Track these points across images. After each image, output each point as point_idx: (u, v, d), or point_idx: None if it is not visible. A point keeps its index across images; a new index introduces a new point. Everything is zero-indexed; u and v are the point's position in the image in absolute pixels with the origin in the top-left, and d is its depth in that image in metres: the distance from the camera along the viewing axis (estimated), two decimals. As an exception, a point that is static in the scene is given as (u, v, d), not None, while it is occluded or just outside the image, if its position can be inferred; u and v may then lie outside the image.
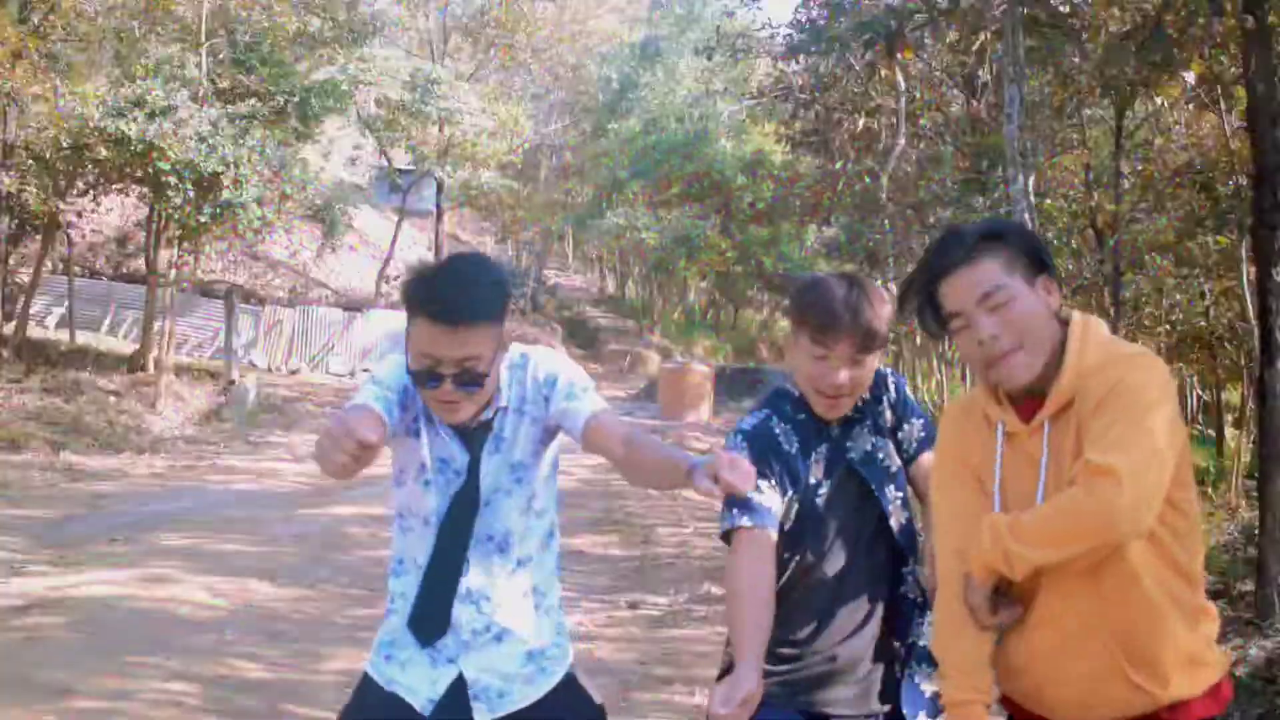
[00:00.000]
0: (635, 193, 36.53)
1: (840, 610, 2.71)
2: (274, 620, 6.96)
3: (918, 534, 2.82)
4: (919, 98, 15.99)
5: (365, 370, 28.87)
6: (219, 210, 18.72)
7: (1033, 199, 9.73)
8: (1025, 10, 8.44)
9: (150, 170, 18.07)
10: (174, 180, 17.97)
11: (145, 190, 19.62)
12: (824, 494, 2.71)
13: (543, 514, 2.65)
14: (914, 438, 2.81)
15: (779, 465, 2.67)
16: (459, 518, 2.53)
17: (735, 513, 2.60)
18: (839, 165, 17.66)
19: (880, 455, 2.77)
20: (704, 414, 22.87)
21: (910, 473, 2.81)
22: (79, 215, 22.56)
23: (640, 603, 7.79)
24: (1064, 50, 11.12)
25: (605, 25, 45.14)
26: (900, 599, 2.77)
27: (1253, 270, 10.09)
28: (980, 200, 13.02)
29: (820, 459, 2.73)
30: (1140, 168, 13.53)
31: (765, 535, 2.59)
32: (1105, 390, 2.11)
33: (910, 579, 2.77)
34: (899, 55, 9.96)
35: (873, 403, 2.80)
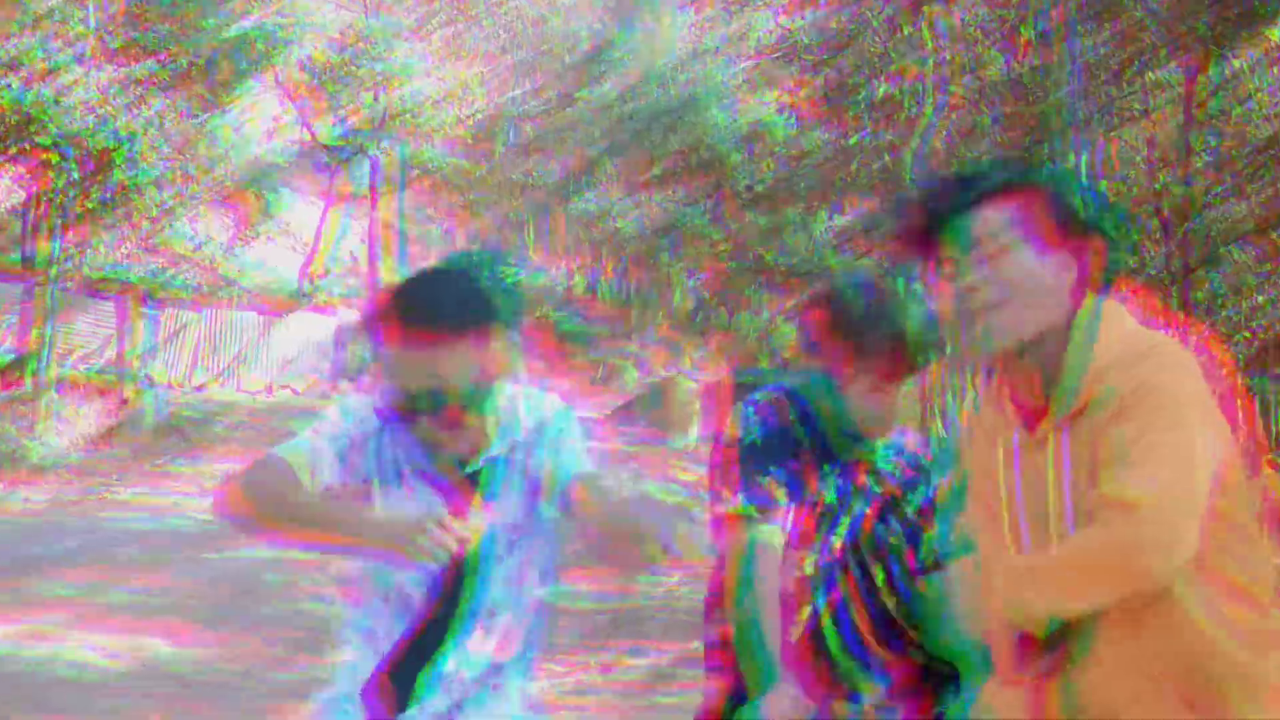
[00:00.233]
0: (610, 173, 36.61)
1: None
2: (174, 682, 6.91)
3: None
4: (951, 59, 16.05)
5: (285, 387, 28.82)
6: (111, 194, 18.65)
7: (1087, 180, 9.78)
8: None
9: (29, 145, 17.99)
10: (57, 158, 17.89)
11: (22, 170, 19.53)
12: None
13: (538, 581, 2.65)
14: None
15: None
16: (445, 593, 2.51)
17: (741, 499, 2.73)
18: (854, 140, 17.72)
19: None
20: (692, 436, 22.90)
21: None
22: (-59, 199, 22.47)
23: (615, 665, 7.75)
24: (1125, 1, 11.19)
25: (575, -28, 45.27)
26: None
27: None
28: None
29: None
30: (1215, 143, 13.62)
31: (777, 533, 2.73)
32: (1127, 393, 2.07)
33: None
34: (926, 7, 10.00)
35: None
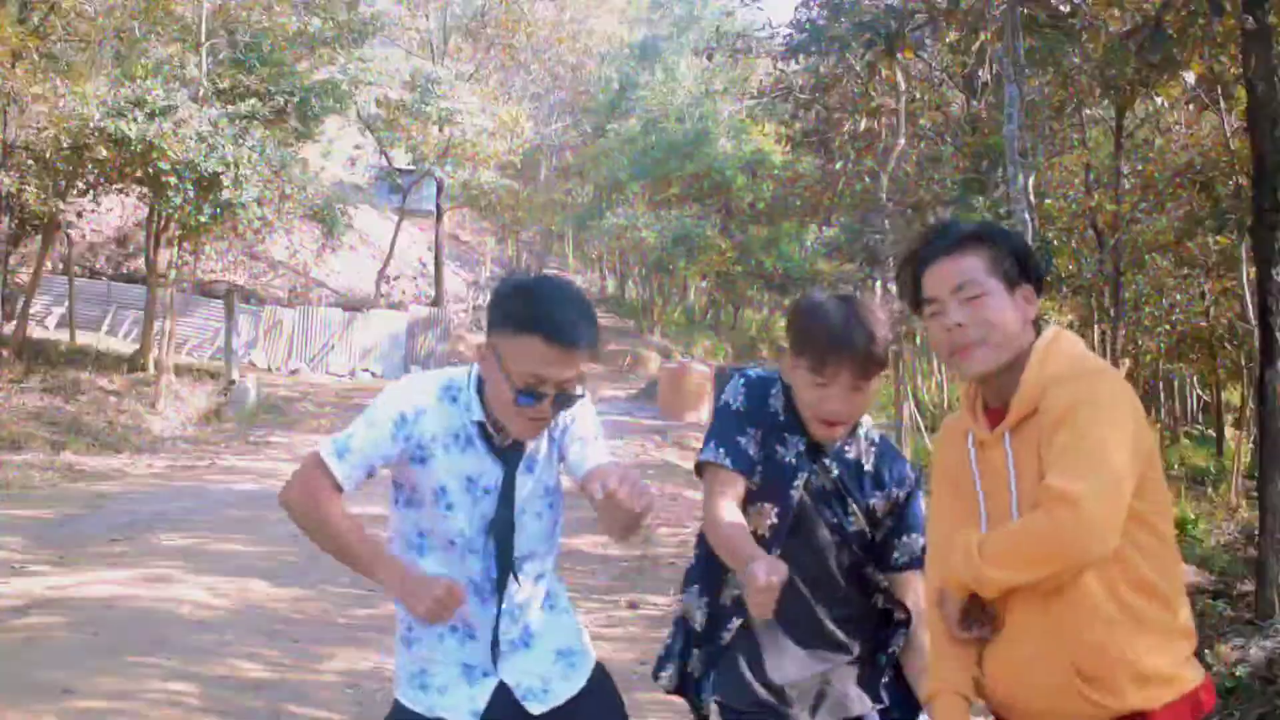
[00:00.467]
0: (635, 192, 36.59)
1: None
2: (274, 620, 6.95)
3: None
4: (919, 98, 15.99)
5: (365, 370, 28.92)
6: (219, 210, 18.72)
7: (1033, 199, 9.74)
8: (1025, 10, 8.43)
9: (150, 170, 18.09)
10: (174, 180, 17.98)
11: (145, 190, 19.65)
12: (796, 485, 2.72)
13: (557, 538, 2.75)
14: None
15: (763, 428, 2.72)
16: (502, 538, 2.59)
17: (720, 451, 2.66)
18: (839, 165, 17.61)
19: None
20: (703, 414, 22.88)
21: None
22: (79, 215, 22.54)
23: (640, 602, 7.80)
24: (1064, 50, 11.13)
25: (605, 25, 45.15)
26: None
27: (1253, 270, 10.11)
28: (980, 200, 13.01)
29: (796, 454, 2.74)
30: (1140, 168, 13.54)
31: (740, 481, 2.66)
32: (1066, 405, 2.13)
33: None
34: (899, 55, 9.97)
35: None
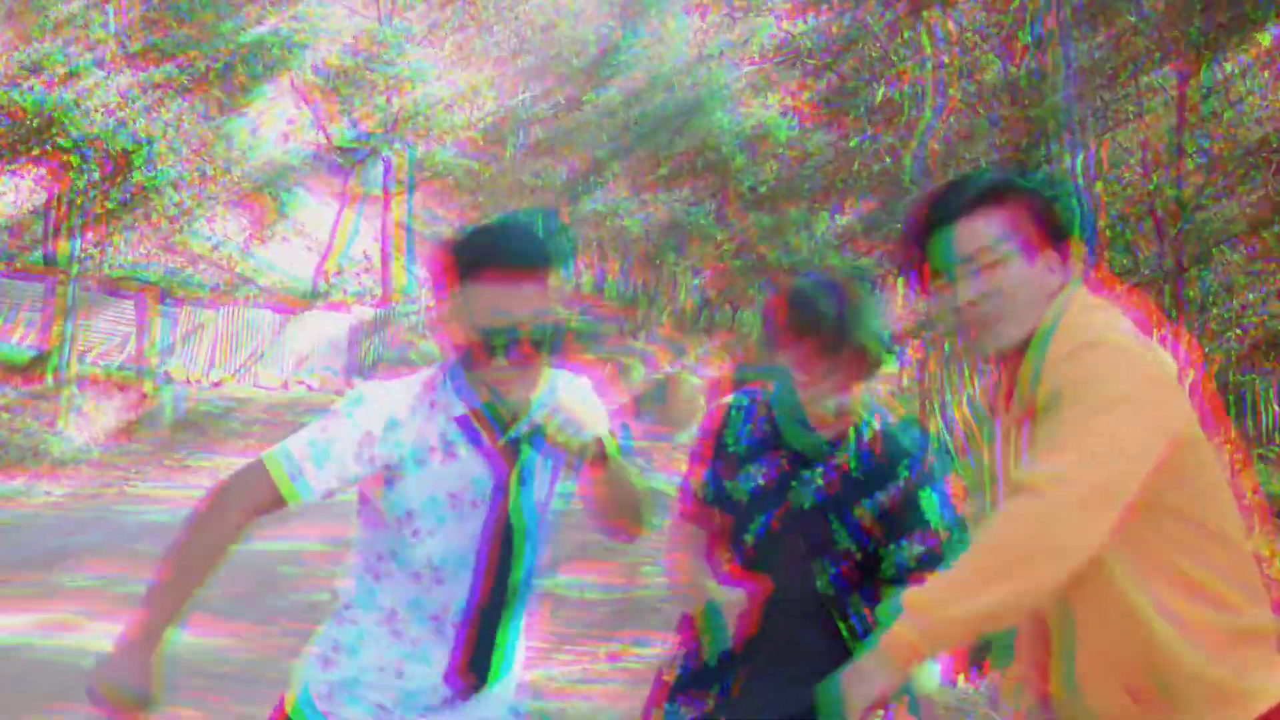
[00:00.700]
0: (617, 174, 36.57)
1: None
2: (199, 672, 6.89)
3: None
4: (949, 63, 16.04)
5: (300, 382, 28.83)
6: (130, 195, 18.65)
7: (1083, 181, 9.77)
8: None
9: (50, 147, 18.00)
10: (77, 159, 17.90)
11: (43, 172, 19.55)
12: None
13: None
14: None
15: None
16: (501, 554, 2.61)
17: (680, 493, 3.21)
18: (855, 142, 17.70)
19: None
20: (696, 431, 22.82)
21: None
22: (-35, 200, 22.48)
23: (623, 654, 7.76)
24: (1119, 7, 11.17)
25: (582, -22, 45.20)
26: None
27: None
28: (1021, 183, 13.02)
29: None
30: (1207, 145, 13.59)
31: (695, 525, 3.18)
32: (1050, 392, 2.10)
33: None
34: (925, 13, 9.99)
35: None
